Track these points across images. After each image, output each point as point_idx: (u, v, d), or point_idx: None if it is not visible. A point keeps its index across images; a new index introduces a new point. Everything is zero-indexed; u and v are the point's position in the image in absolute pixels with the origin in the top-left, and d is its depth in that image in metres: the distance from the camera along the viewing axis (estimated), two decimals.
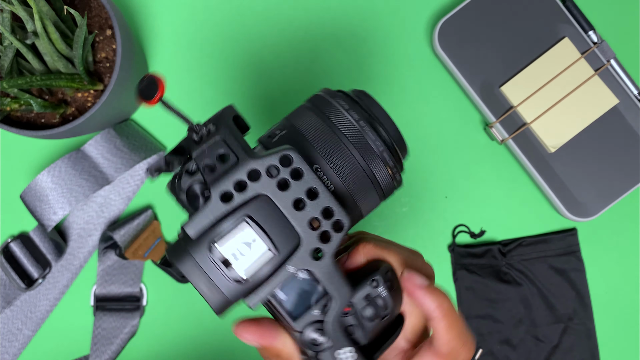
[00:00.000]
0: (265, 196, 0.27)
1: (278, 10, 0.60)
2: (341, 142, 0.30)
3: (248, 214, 0.27)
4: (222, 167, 0.27)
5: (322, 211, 0.28)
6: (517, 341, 0.58)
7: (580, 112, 0.56)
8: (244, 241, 0.27)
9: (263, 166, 0.27)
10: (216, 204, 0.27)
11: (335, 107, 0.31)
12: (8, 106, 0.48)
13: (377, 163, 0.31)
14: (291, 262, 0.28)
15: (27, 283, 0.57)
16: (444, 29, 0.57)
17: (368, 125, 0.31)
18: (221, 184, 0.27)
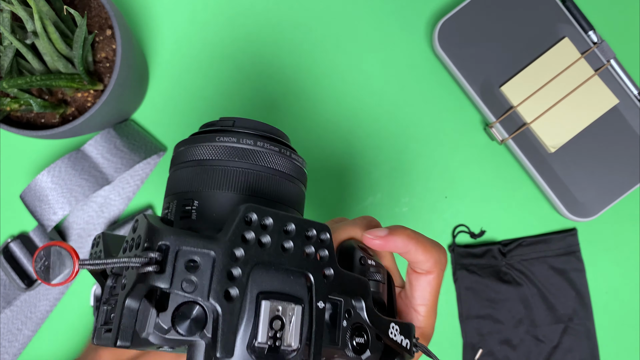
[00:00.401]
0: (257, 262, 0.25)
1: (278, 10, 0.60)
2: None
3: (258, 293, 0.24)
4: (206, 272, 0.23)
5: (306, 239, 0.26)
6: (517, 341, 0.58)
7: (580, 112, 0.56)
8: (275, 316, 0.24)
9: (238, 243, 0.24)
10: (230, 310, 0.23)
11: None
12: (8, 106, 0.48)
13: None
14: (316, 300, 0.26)
15: (27, 283, 0.57)
16: (444, 29, 0.57)
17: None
18: (220, 289, 0.23)
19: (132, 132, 0.57)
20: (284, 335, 0.24)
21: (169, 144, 0.59)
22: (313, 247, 0.26)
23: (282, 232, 0.25)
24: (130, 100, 0.56)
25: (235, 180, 0.28)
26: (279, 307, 0.24)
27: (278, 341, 0.24)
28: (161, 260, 0.23)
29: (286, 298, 0.25)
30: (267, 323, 0.24)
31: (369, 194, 0.59)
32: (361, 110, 0.60)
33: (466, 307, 0.58)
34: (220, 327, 0.23)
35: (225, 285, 0.23)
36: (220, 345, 0.23)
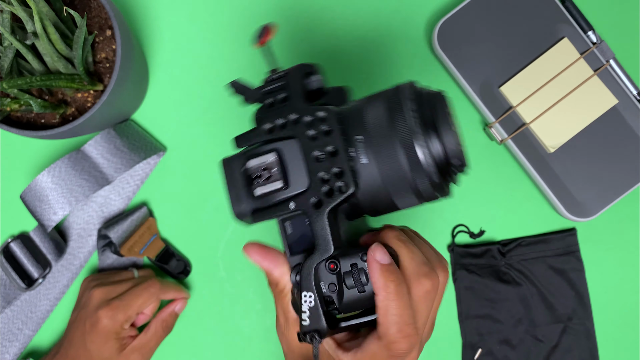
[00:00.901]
0: (298, 140, 0.33)
1: (277, 10, 0.60)
2: (392, 141, 0.32)
3: (278, 148, 0.33)
4: (279, 106, 0.35)
5: (336, 171, 0.33)
6: (516, 341, 0.58)
7: (580, 112, 0.56)
8: (266, 167, 0.33)
9: (305, 116, 0.33)
10: (262, 131, 0.34)
11: (401, 105, 0.33)
12: (8, 106, 0.48)
13: (421, 174, 0.32)
14: (295, 202, 0.33)
15: (28, 283, 0.57)
16: (444, 29, 0.57)
17: (423, 133, 0.32)
18: (271, 118, 0.34)
19: (132, 132, 0.57)
20: (257, 182, 0.34)
21: (169, 144, 0.59)
22: (332, 182, 0.33)
23: (330, 150, 0.33)
24: (130, 100, 0.56)
25: (387, 159, 0.34)
26: (274, 168, 0.34)
27: (256, 179, 0.34)
28: (281, 77, 0.37)
29: (282, 173, 0.34)
30: (260, 163, 0.34)
31: None
32: None
33: (465, 307, 0.58)
34: (251, 131, 0.36)
35: (274, 122, 0.35)
36: (238, 136, 0.36)
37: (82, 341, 0.50)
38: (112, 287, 0.52)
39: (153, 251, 0.58)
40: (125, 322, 0.51)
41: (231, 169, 0.35)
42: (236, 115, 0.60)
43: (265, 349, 0.59)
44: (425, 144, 0.32)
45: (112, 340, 0.51)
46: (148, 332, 0.54)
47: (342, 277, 0.33)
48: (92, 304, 0.51)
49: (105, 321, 0.50)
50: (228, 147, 0.59)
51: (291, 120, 0.34)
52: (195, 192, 0.59)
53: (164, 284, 0.55)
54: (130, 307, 0.51)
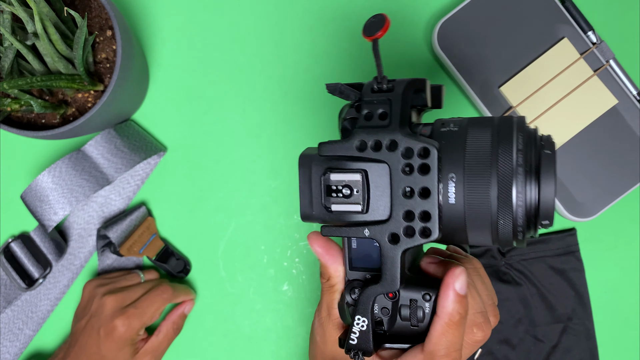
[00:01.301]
0: (388, 166, 0.31)
1: (277, 10, 0.60)
2: (489, 173, 0.30)
3: (366, 170, 0.31)
4: (376, 122, 0.32)
5: (422, 212, 0.31)
6: (516, 341, 0.58)
7: (580, 112, 0.56)
8: (348, 185, 0.31)
9: (403, 144, 0.31)
10: (351, 146, 0.32)
11: (510, 140, 0.31)
12: (9, 107, 0.48)
13: (506, 215, 0.30)
14: (371, 229, 0.32)
15: (28, 283, 0.57)
16: (444, 30, 0.57)
17: (524, 176, 0.30)
18: (364, 134, 0.31)
19: (133, 132, 0.57)
20: (336, 197, 0.32)
21: (169, 144, 0.60)
22: (416, 223, 0.31)
23: (423, 188, 0.31)
24: (131, 100, 0.56)
25: (477, 192, 0.32)
26: (358, 189, 0.32)
27: (332, 194, 0.33)
28: (379, 90, 0.33)
29: (365, 198, 0.32)
30: (345, 181, 0.32)
31: None
32: None
33: None
34: (339, 142, 0.33)
35: (369, 140, 0.32)
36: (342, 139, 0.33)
37: (97, 348, 0.51)
38: (124, 294, 0.53)
39: (152, 250, 0.58)
40: (140, 328, 0.52)
41: (309, 169, 0.33)
42: (236, 116, 0.60)
43: (266, 349, 0.59)
44: (523, 188, 0.30)
45: (127, 346, 0.52)
46: (159, 335, 0.55)
47: (398, 307, 0.33)
48: (106, 312, 0.52)
49: (121, 329, 0.51)
50: (228, 147, 0.59)
51: (387, 144, 0.31)
52: (196, 192, 0.59)
53: (175, 288, 0.56)
54: (145, 314, 0.52)
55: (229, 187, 0.59)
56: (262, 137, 0.60)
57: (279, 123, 0.60)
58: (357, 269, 0.34)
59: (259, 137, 0.60)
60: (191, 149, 0.59)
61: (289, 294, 0.59)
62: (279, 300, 0.59)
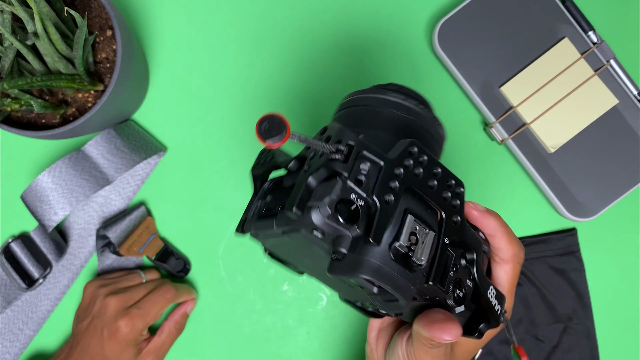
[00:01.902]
0: (409, 188, 0.30)
1: (278, 11, 0.60)
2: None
3: (405, 209, 0.29)
4: (372, 176, 0.29)
5: (446, 186, 0.30)
6: (517, 341, 0.58)
7: (580, 112, 0.56)
8: (412, 231, 0.29)
9: (400, 164, 0.29)
10: (385, 210, 0.28)
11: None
12: (9, 107, 0.48)
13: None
14: (444, 235, 0.30)
15: (28, 283, 0.57)
16: (444, 29, 0.57)
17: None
18: (382, 191, 0.28)
19: (133, 132, 0.57)
20: (417, 250, 0.29)
21: (169, 144, 0.59)
22: (449, 194, 0.30)
23: (431, 172, 0.30)
24: (131, 100, 0.56)
25: (395, 126, 0.33)
26: (416, 226, 0.29)
27: (411, 252, 0.28)
28: (347, 154, 0.29)
29: (423, 222, 0.29)
30: (408, 233, 0.29)
31: None
32: None
33: None
34: (375, 219, 0.28)
35: (384, 190, 0.28)
36: (373, 233, 0.28)
37: (100, 348, 0.51)
38: (127, 294, 0.53)
39: (152, 250, 0.58)
40: (144, 329, 0.52)
41: (379, 267, 0.29)
42: (236, 116, 0.60)
43: (266, 349, 0.59)
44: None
45: (130, 347, 0.52)
46: (162, 334, 0.55)
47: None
48: (109, 313, 0.52)
49: (125, 330, 0.51)
50: (228, 147, 0.59)
51: (397, 178, 0.29)
52: (196, 192, 0.59)
53: (178, 288, 0.56)
54: (149, 314, 0.52)
55: (228, 187, 0.59)
56: None
57: None
58: (445, 281, 0.31)
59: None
60: (191, 149, 0.59)
61: (289, 294, 0.59)
62: (279, 300, 0.59)
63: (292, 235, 0.30)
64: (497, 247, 0.34)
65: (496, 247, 0.34)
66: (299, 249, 0.32)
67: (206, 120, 0.60)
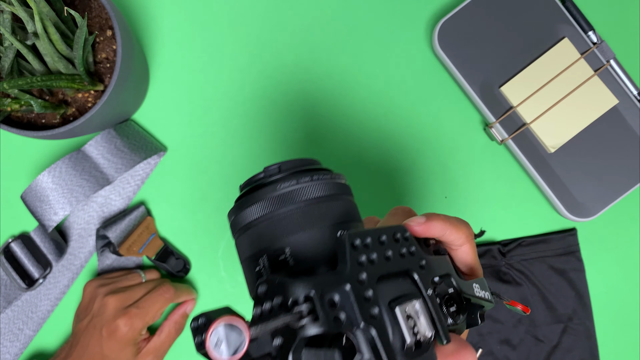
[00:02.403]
0: (376, 279, 0.27)
1: (278, 11, 0.60)
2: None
3: (389, 302, 0.26)
4: (347, 305, 0.25)
5: (396, 243, 0.28)
6: (517, 341, 0.58)
7: (580, 112, 0.56)
8: (406, 319, 0.26)
9: (359, 268, 0.26)
10: (379, 326, 0.25)
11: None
12: (9, 107, 0.48)
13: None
14: (425, 289, 0.28)
15: (28, 283, 0.57)
16: (444, 30, 0.57)
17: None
18: (365, 312, 0.25)
19: (133, 132, 0.57)
20: (420, 329, 0.27)
21: (169, 144, 0.59)
22: (405, 248, 0.28)
23: (379, 245, 0.27)
24: (131, 100, 0.56)
25: (316, 216, 0.29)
26: (406, 307, 0.26)
27: (418, 335, 0.26)
28: (311, 309, 0.24)
29: (406, 298, 0.27)
30: (406, 325, 0.26)
31: (370, 194, 0.59)
32: (361, 110, 0.60)
33: None
34: (379, 346, 0.24)
35: (367, 308, 0.25)
36: (387, 358, 0.24)
37: (99, 348, 0.51)
38: (126, 294, 0.53)
39: (152, 250, 0.58)
40: (143, 328, 0.52)
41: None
42: (236, 116, 0.60)
43: None
44: None
45: (129, 346, 0.52)
46: (162, 334, 0.55)
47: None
48: (108, 313, 0.52)
49: (124, 329, 0.51)
50: (228, 147, 0.59)
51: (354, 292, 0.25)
52: (196, 192, 0.59)
53: (177, 288, 0.56)
54: (148, 314, 0.52)
55: (229, 187, 0.59)
56: (261, 137, 0.60)
57: (279, 123, 0.60)
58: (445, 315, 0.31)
59: (259, 137, 0.60)
60: (191, 149, 0.59)
61: None
62: None
63: None
64: (449, 240, 0.34)
65: (449, 241, 0.34)
66: None
67: (206, 120, 0.60)
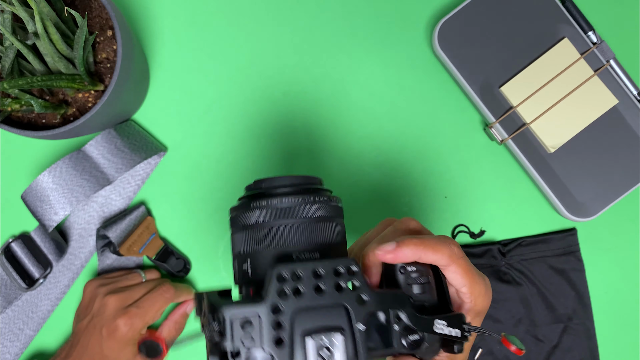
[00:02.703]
0: (297, 309, 0.30)
1: (277, 11, 0.60)
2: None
3: (305, 333, 0.30)
4: (255, 332, 0.29)
5: (336, 275, 0.30)
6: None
7: (580, 112, 0.56)
8: (318, 349, 0.29)
9: (278, 298, 0.30)
10: (281, 354, 0.29)
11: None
12: (9, 106, 0.48)
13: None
14: (356, 322, 0.30)
15: (28, 283, 0.57)
16: (444, 30, 0.57)
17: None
18: (270, 338, 0.29)
19: (133, 132, 0.57)
20: (336, 358, 0.29)
21: (169, 144, 0.60)
22: (345, 281, 0.31)
23: (315, 277, 0.30)
24: (131, 100, 0.56)
25: (274, 237, 0.32)
26: (323, 338, 0.29)
27: None
28: (221, 329, 0.29)
29: (329, 329, 0.30)
30: (315, 355, 0.29)
31: (370, 194, 0.59)
32: (361, 110, 0.60)
33: None
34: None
35: (274, 334, 0.29)
36: None
37: (99, 347, 0.51)
38: (126, 293, 0.53)
39: (152, 250, 0.58)
40: (143, 328, 0.52)
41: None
42: (236, 116, 0.60)
43: None
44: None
45: (129, 346, 0.52)
46: (162, 334, 0.55)
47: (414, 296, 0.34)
48: (108, 312, 0.52)
49: (124, 329, 0.51)
50: (229, 147, 0.59)
51: (274, 312, 0.30)
52: (196, 191, 0.59)
53: (177, 287, 0.56)
54: (148, 313, 0.52)
55: (229, 187, 0.59)
56: (262, 137, 0.60)
57: (279, 123, 0.60)
58: (394, 341, 0.33)
59: (259, 137, 0.60)
60: (191, 149, 0.59)
61: None
62: None
63: None
64: (431, 261, 0.33)
65: (431, 262, 0.33)
66: None
67: (206, 120, 0.60)
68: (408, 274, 0.34)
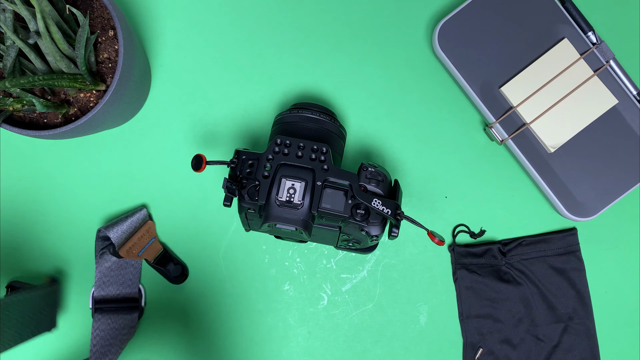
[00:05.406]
0: (282, 164, 0.47)
1: (278, 11, 0.60)
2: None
3: (282, 175, 0.47)
4: (254, 168, 0.48)
5: (311, 151, 0.47)
6: (517, 340, 0.58)
7: (580, 112, 0.57)
8: (288, 187, 0.46)
9: (270, 152, 0.48)
10: (265, 183, 0.47)
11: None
12: (11, 106, 0.48)
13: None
14: (317, 180, 0.47)
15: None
16: (444, 30, 0.57)
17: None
18: (259, 172, 0.47)
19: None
20: (295, 196, 0.46)
21: (170, 144, 0.60)
22: (314, 155, 0.47)
23: (298, 148, 0.48)
24: (133, 100, 0.56)
25: (297, 128, 0.52)
26: (293, 183, 0.46)
27: (292, 198, 0.46)
28: (236, 162, 0.48)
29: (298, 179, 0.47)
30: (285, 189, 0.46)
31: None
32: (361, 110, 0.60)
33: (466, 307, 0.58)
34: (259, 189, 0.47)
35: (264, 172, 0.47)
36: (259, 195, 0.46)
37: None
38: None
39: (151, 254, 0.58)
40: None
41: (278, 213, 0.47)
42: (238, 116, 0.60)
43: (267, 349, 0.59)
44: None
45: None
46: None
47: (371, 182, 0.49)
48: None
49: None
50: (229, 147, 0.59)
51: (269, 160, 0.48)
52: (197, 192, 0.59)
53: None
54: None
55: None
56: (262, 137, 0.60)
57: None
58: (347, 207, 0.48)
59: (260, 138, 0.60)
60: (193, 149, 0.60)
61: (290, 294, 0.59)
62: (280, 300, 0.59)
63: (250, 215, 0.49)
64: None
65: None
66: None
67: (207, 121, 0.60)
68: (368, 171, 0.48)
